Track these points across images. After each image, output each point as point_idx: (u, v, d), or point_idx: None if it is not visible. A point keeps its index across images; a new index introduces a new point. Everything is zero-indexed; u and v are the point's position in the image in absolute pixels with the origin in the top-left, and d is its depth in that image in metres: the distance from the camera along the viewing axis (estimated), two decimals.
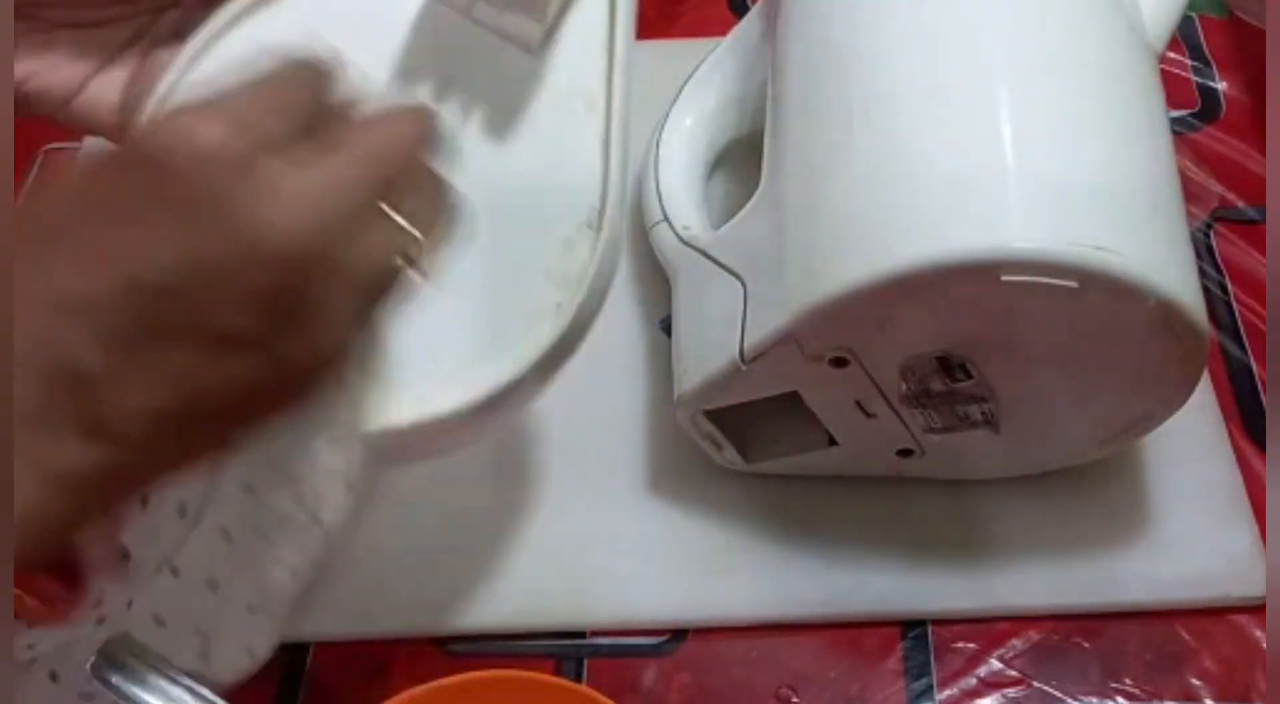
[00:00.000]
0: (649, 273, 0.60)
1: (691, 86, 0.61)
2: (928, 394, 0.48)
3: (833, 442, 0.52)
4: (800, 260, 0.46)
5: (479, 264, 0.41)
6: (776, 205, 0.49)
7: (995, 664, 0.51)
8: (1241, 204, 0.65)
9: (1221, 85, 0.70)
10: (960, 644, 0.52)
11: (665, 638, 0.53)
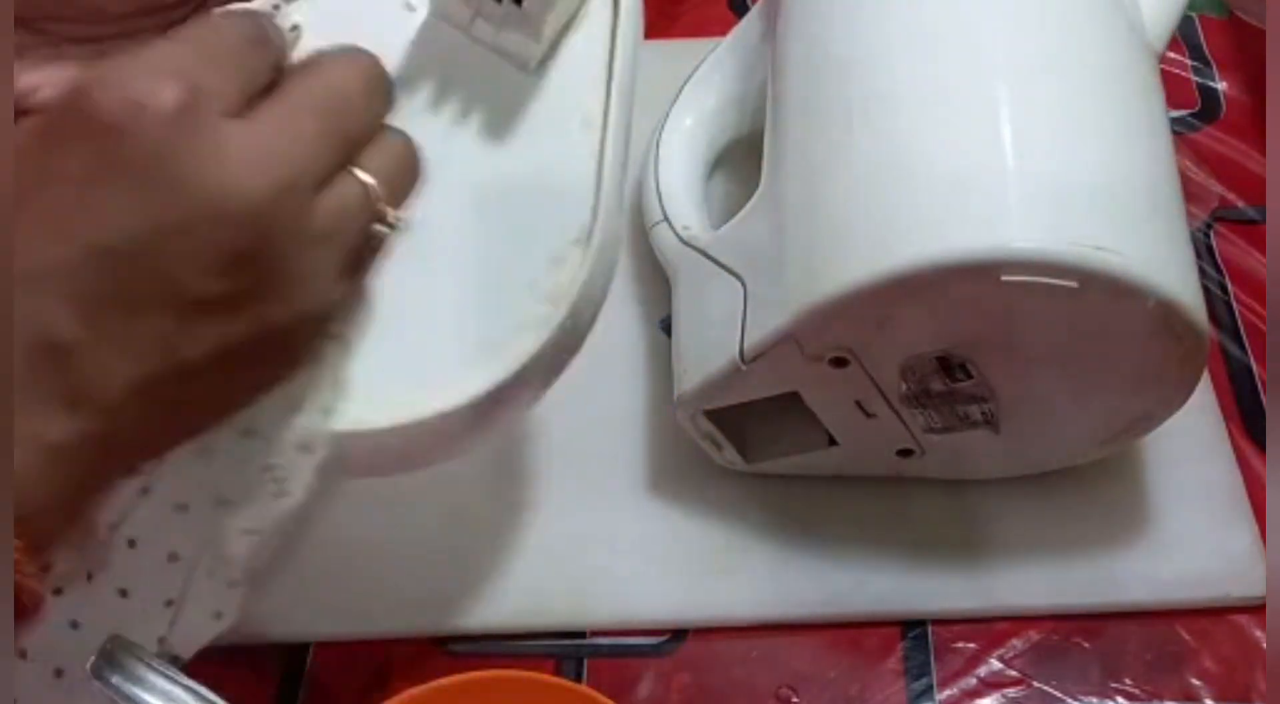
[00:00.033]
0: (649, 273, 0.60)
1: (691, 86, 0.61)
2: (928, 394, 0.48)
3: (833, 442, 0.52)
4: (800, 260, 0.46)
5: (467, 275, 0.41)
6: (776, 205, 0.49)
7: (995, 664, 0.51)
8: (1241, 204, 0.65)
9: (1221, 85, 0.70)
10: (960, 644, 0.52)
11: (665, 638, 0.53)
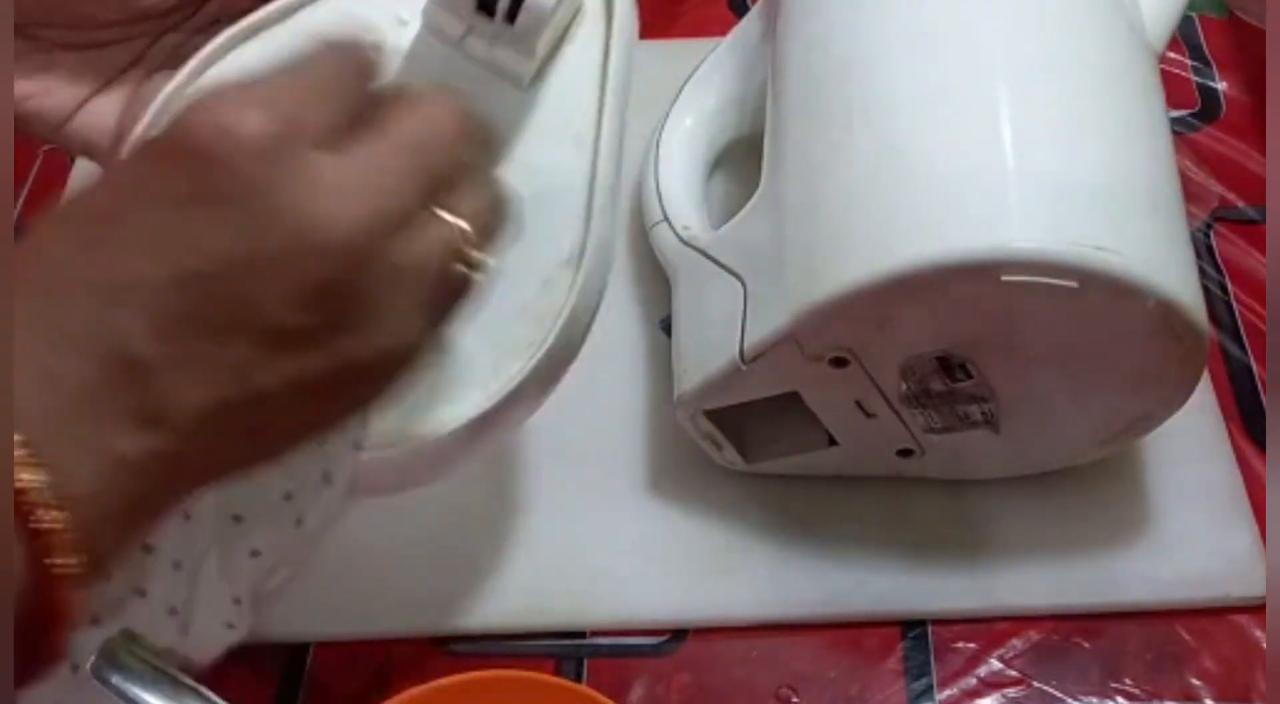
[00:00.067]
0: (649, 273, 0.60)
1: (691, 86, 0.61)
2: (928, 394, 0.48)
3: (833, 442, 0.52)
4: (800, 260, 0.46)
5: None
6: (776, 205, 0.49)
7: (995, 664, 0.51)
8: (1241, 204, 0.65)
9: (1221, 85, 0.70)
10: (960, 644, 0.52)
11: (665, 638, 0.53)
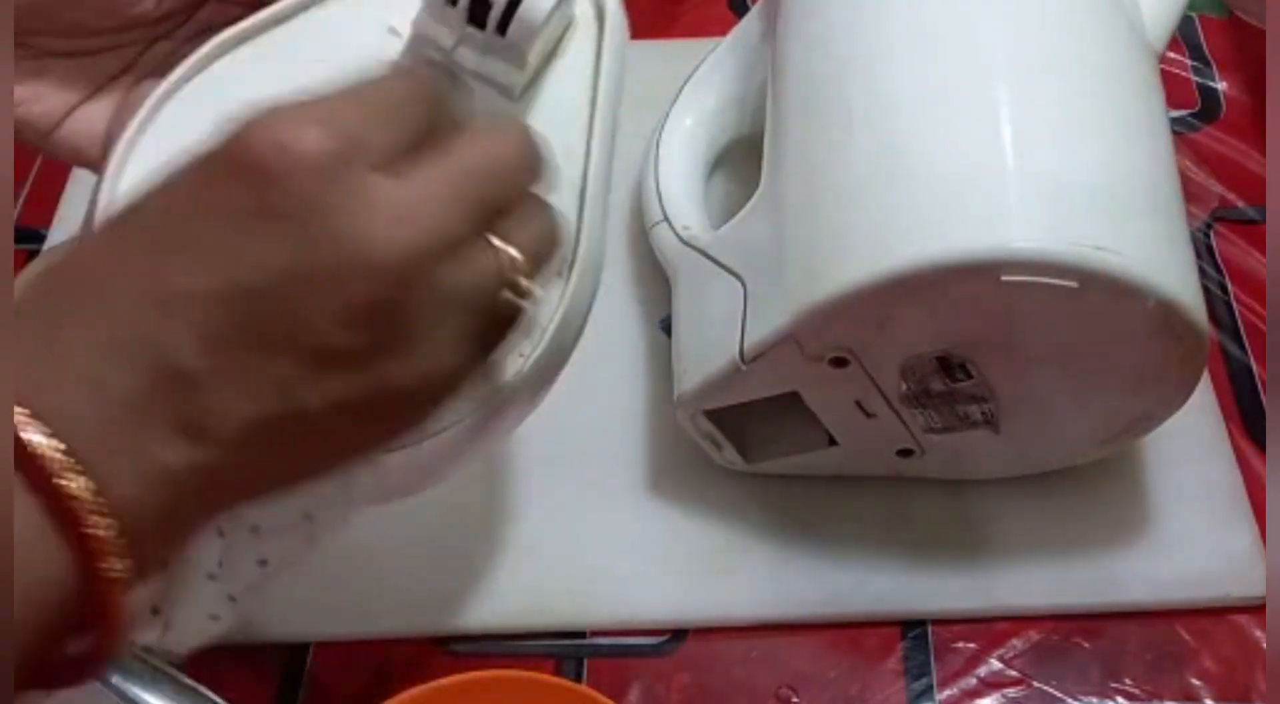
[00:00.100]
0: (649, 273, 0.60)
1: (691, 86, 0.61)
2: (928, 394, 0.48)
3: (833, 442, 0.52)
4: (800, 260, 0.46)
5: None
6: (776, 205, 0.49)
7: (995, 664, 0.51)
8: (1241, 204, 0.65)
9: (1221, 85, 0.70)
10: (960, 644, 0.52)
11: (665, 638, 0.53)
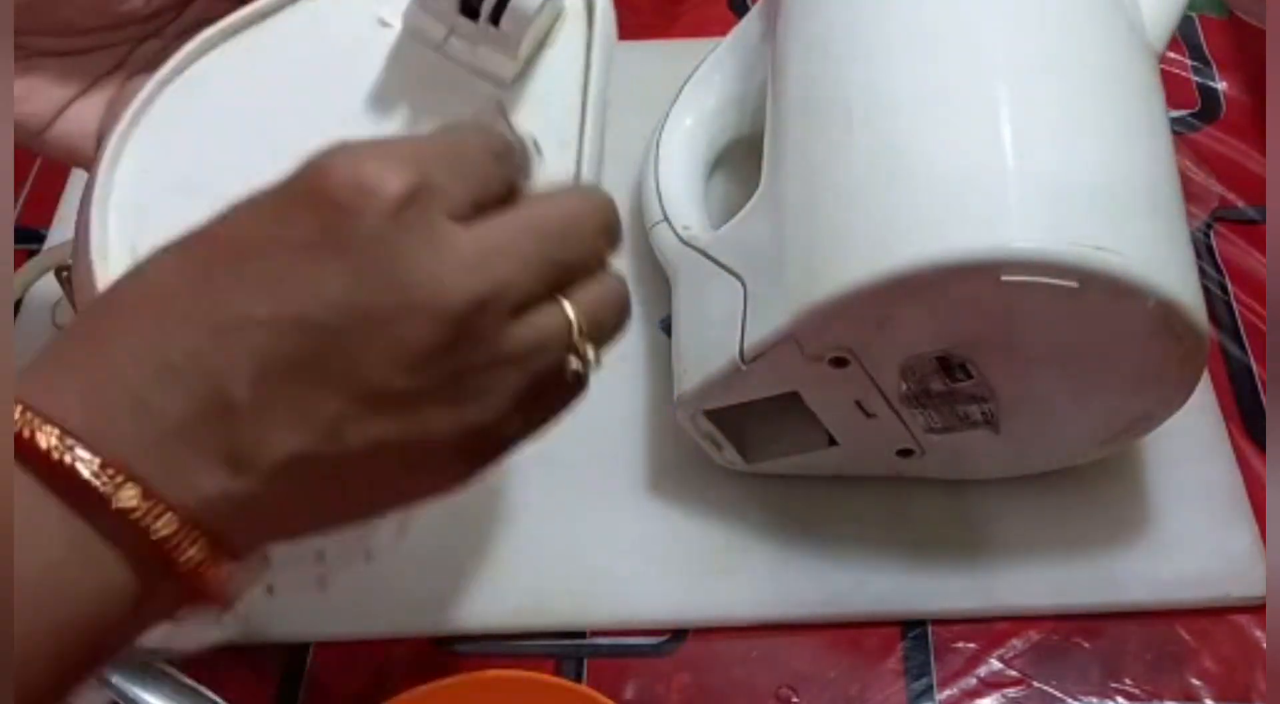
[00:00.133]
0: (649, 273, 0.60)
1: (691, 86, 0.61)
2: (928, 394, 0.48)
3: (833, 442, 0.52)
4: (800, 260, 0.46)
5: None
6: (776, 205, 0.49)
7: (995, 664, 0.51)
8: (1241, 204, 0.65)
9: (1221, 85, 0.70)
10: (960, 644, 0.52)
11: (665, 638, 0.53)
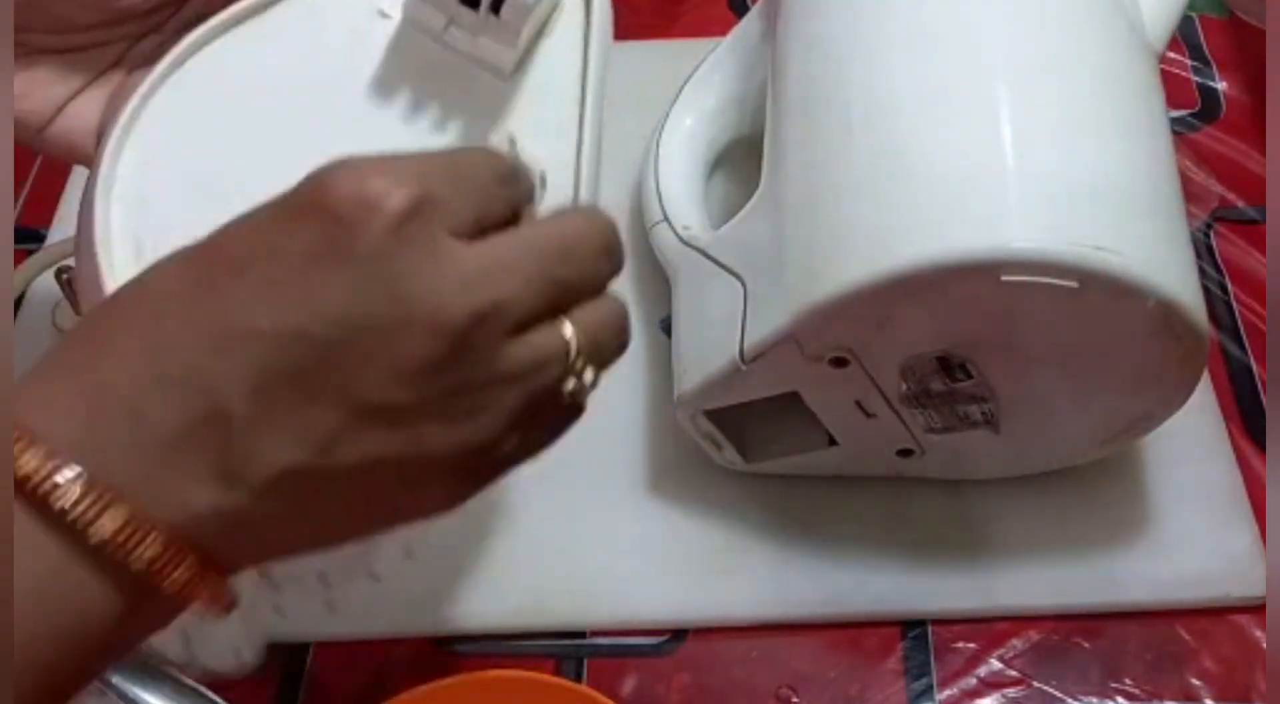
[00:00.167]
0: (649, 273, 0.60)
1: (691, 86, 0.61)
2: (928, 394, 0.48)
3: (833, 442, 0.52)
4: (800, 260, 0.46)
5: None
6: (776, 205, 0.49)
7: (995, 664, 0.51)
8: (1241, 204, 0.65)
9: (1221, 85, 0.70)
10: (960, 644, 0.52)
11: (665, 638, 0.53)
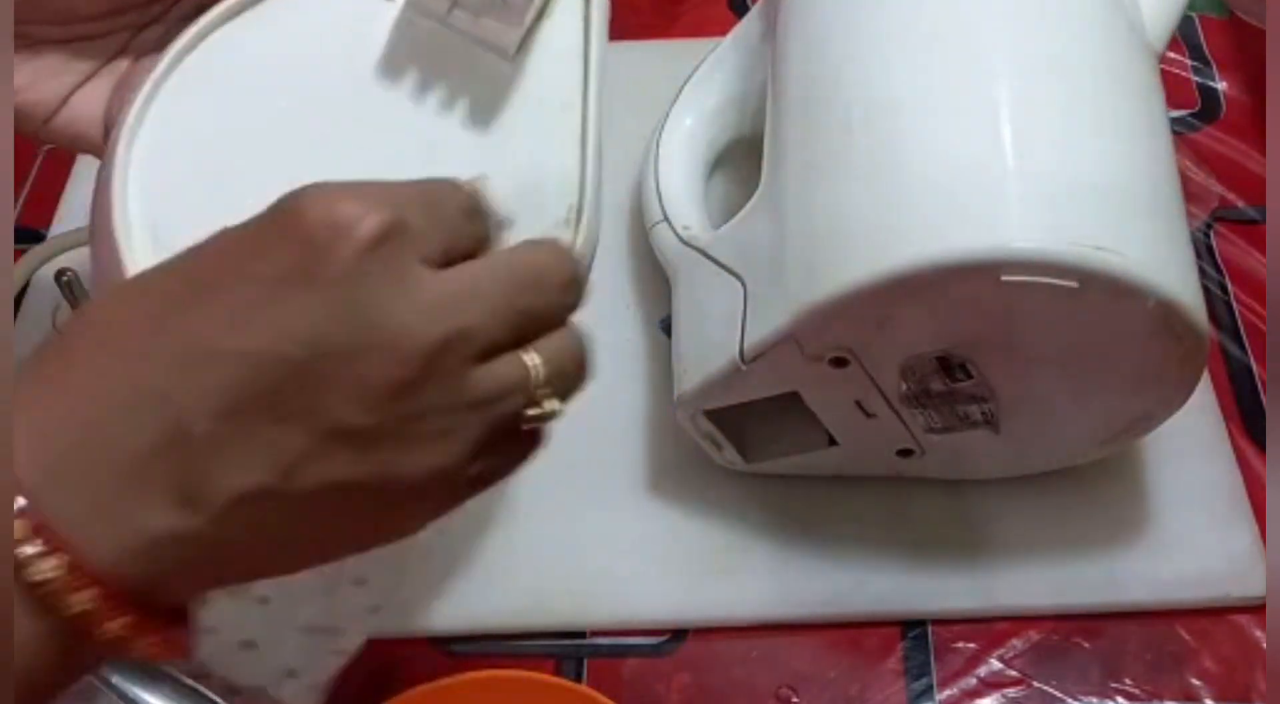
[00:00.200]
0: (649, 273, 0.60)
1: (691, 86, 0.61)
2: (928, 394, 0.48)
3: (833, 442, 0.52)
4: (800, 260, 0.46)
5: None
6: (776, 205, 0.49)
7: (995, 664, 0.51)
8: (1241, 204, 0.65)
9: (1221, 85, 0.70)
10: (960, 644, 0.52)
11: (665, 638, 0.53)
